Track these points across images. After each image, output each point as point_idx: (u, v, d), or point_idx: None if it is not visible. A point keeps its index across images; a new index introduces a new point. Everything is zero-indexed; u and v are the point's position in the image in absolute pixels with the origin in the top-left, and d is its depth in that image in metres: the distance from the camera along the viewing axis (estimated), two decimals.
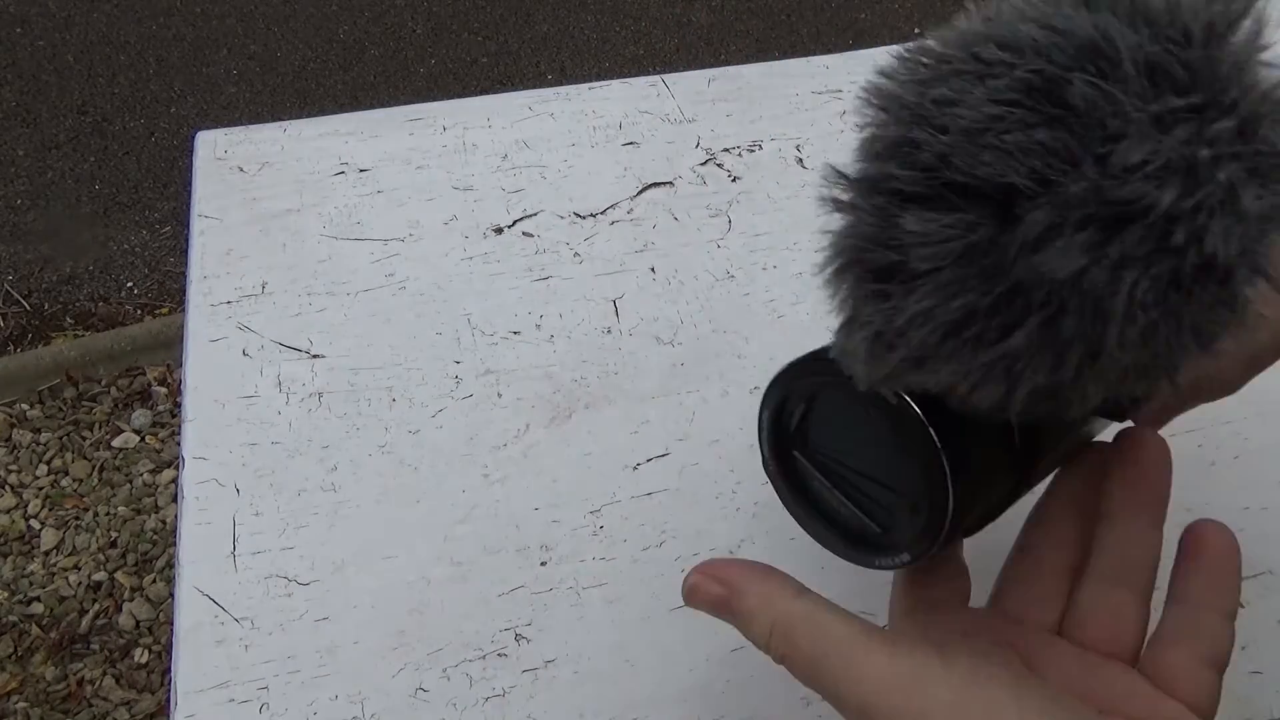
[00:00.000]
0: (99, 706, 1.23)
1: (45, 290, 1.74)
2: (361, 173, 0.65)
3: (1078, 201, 0.22)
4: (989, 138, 0.22)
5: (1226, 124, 0.22)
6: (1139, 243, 0.22)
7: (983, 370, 0.24)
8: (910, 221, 0.23)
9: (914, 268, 0.24)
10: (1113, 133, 0.22)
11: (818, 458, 0.36)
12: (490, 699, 0.41)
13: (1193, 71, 0.23)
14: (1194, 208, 0.22)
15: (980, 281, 0.23)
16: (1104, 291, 0.22)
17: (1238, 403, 0.54)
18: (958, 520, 0.32)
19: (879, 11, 2.42)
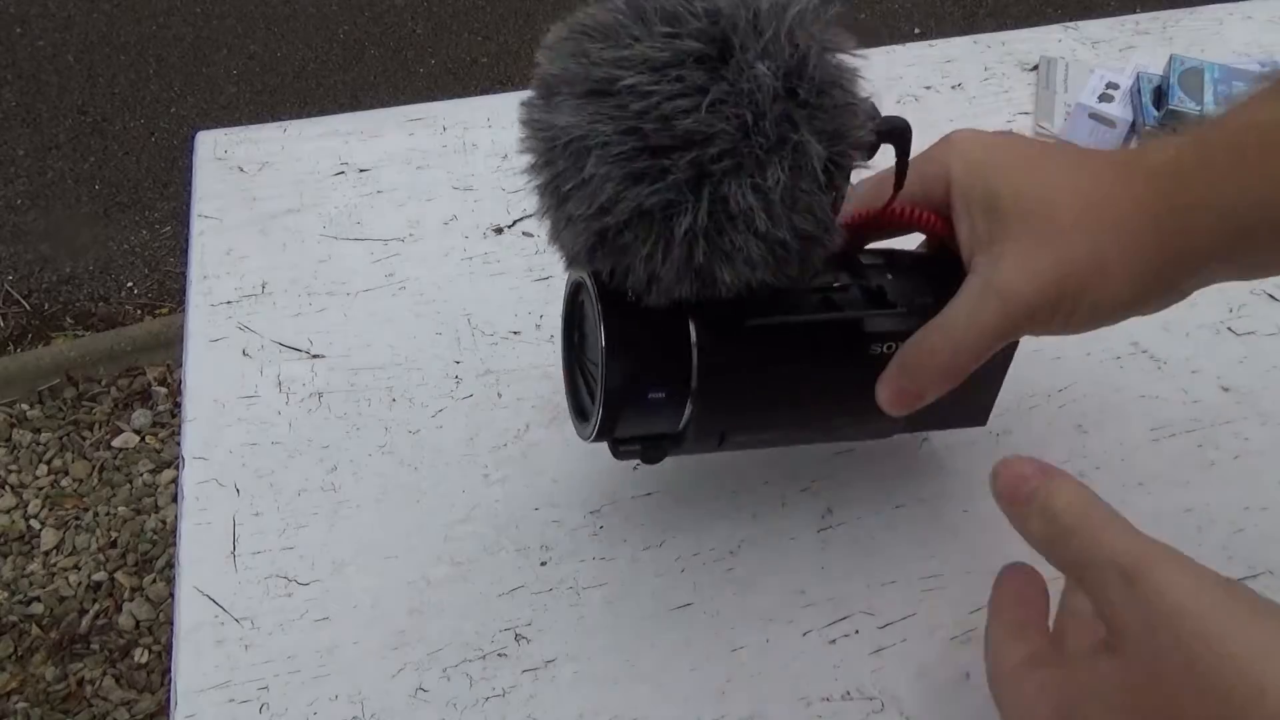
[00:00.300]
0: (99, 706, 1.23)
1: (45, 290, 1.74)
2: (361, 173, 0.65)
3: (576, 78, 0.33)
4: (554, 51, 0.35)
5: (698, 44, 0.32)
6: (612, 108, 0.32)
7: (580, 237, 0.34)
8: (534, 110, 0.35)
9: (535, 139, 0.35)
10: (610, 39, 0.33)
11: (582, 352, 0.42)
12: (490, 699, 0.41)
13: (694, 16, 0.32)
14: (651, 89, 0.31)
15: (552, 146, 0.34)
16: (582, 137, 0.32)
17: (1238, 403, 0.54)
18: (629, 393, 0.37)
19: (879, 11, 2.42)
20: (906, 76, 0.75)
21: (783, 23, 0.32)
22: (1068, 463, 0.50)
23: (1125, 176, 0.34)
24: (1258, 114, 0.32)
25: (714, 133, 0.31)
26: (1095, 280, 0.34)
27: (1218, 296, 0.59)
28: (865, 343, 0.39)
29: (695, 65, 0.31)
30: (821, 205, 0.33)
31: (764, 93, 0.31)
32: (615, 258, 0.34)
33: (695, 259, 0.33)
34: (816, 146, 0.32)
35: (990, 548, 0.47)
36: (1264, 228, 0.33)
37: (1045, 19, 2.33)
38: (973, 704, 0.42)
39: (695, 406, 0.39)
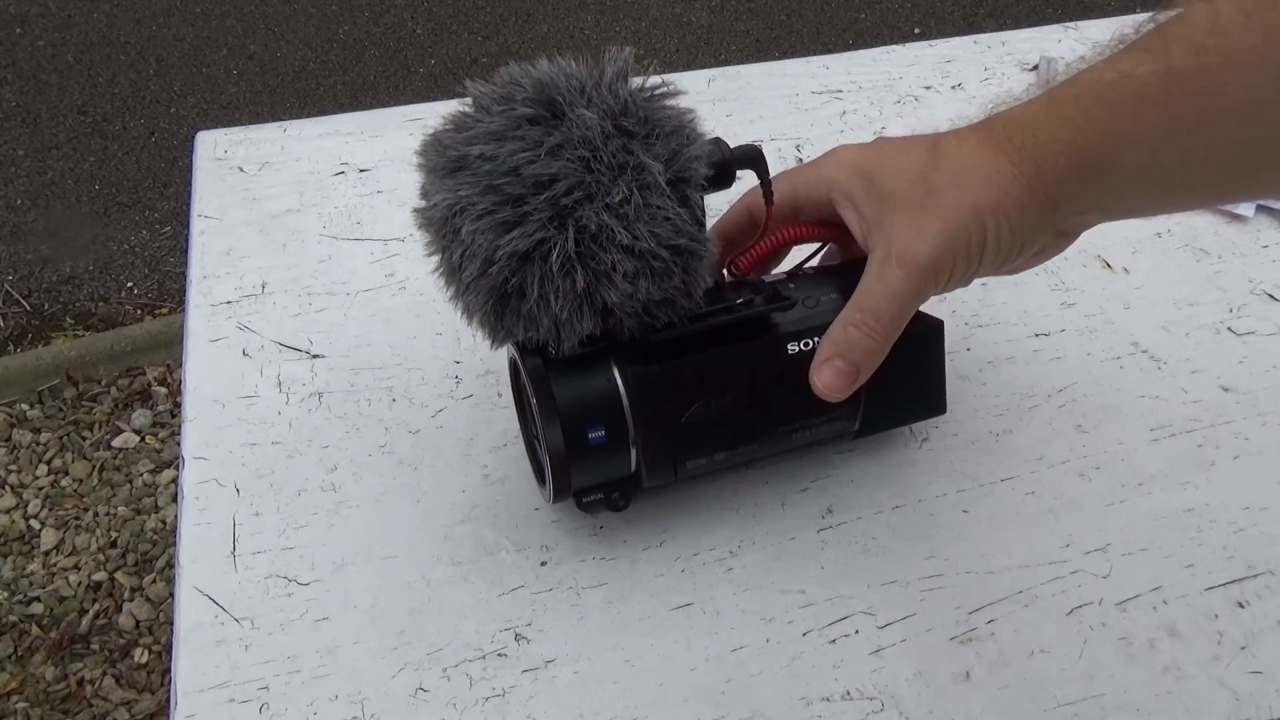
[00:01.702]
0: (99, 706, 1.22)
1: (45, 290, 1.74)
2: (361, 173, 0.65)
3: (440, 167, 0.39)
4: (425, 153, 0.41)
5: (530, 109, 0.37)
6: (470, 176, 0.37)
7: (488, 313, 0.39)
8: (420, 212, 0.41)
9: (430, 230, 0.40)
10: (460, 127, 0.39)
11: (530, 420, 0.44)
12: (490, 699, 0.41)
13: (521, 89, 0.38)
14: (497, 151, 0.37)
15: (445, 232, 0.39)
16: (453, 204, 0.38)
17: (1238, 403, 0.54)
18: (571, 439, 0.40)
19: (879, 11, 2.42)
20: (906, 76, 0.75)
21: (602, 79, 0.38)
22: (1068, 463, 0.50)
23: (983, 136, 0.38)
24: (1104, 73, 0.36)
25: (558, 172, 0.36)
26: (977, 232, 0.37)
27: (1218, 296, 0.59)
28: (780, 342, 0.42)
29: (531, 125, 0.37)
30: (678, 215, 0.38)
31: (595, 131, 0.37)
32: (517, 312, 0.38)
33: (578, 285, 0.37)
34: (655, 165, 0.37)
35: (990, 548, 0.47)
36: (1109, 174, 0.36)
37: (1045, 19, 2.33)
38: (973, 704, 0.42)
39: (638, 438, 0.41)
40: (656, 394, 0.41)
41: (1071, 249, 0.62)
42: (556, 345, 0.39)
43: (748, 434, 0.44)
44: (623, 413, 0.41)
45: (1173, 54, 0.34)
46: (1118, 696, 0.42)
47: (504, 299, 0.38)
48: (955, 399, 0.53)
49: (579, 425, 0.40)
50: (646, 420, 0.41)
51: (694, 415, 0.41)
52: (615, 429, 0.41)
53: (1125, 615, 0.45)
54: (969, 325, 0.57)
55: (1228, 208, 0.65)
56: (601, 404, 0.40)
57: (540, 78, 0.38)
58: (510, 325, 0.39)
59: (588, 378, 0.41)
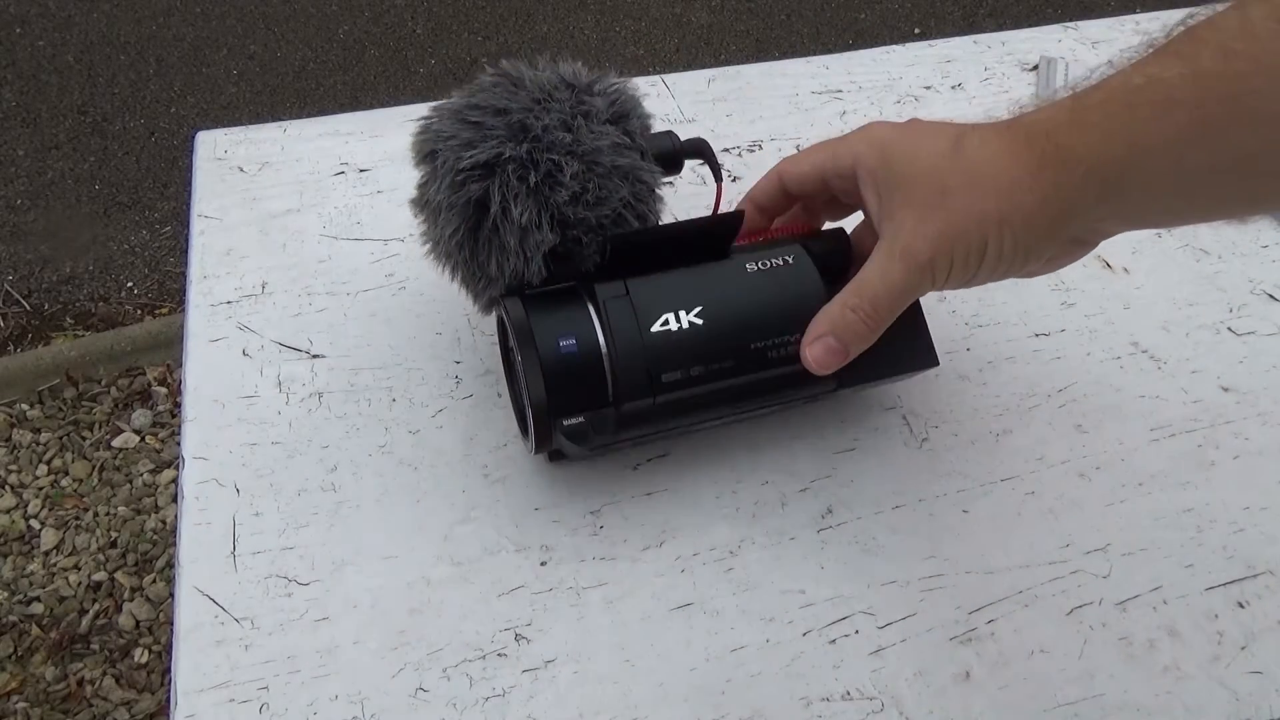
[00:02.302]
0: (99, 706, 1.22)
1: (45, 290, 1.74)
2: (361, 173, 0.65)
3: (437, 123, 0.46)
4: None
5: (497, 78, 0.46)
6: (447, 119, 0.45)
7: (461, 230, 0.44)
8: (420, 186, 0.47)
9: (426, 196, 0.47)
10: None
11: (513, 367, 0.46)
12: (490, 699, 0.41)
13: (500, 75, 0.46)
14: (470, 102, 0.45)
15: (436, 182, 0.45)
16: (428, 139, 0.46)
17: (1238, 403, 0.54)
18: (547, 348, 0.42)
19: (879, 11, 2.42)
20: (906, 76, 0.75)
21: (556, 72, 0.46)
22: (1068, 463, 0.51)
23: (1006, 138, 0.38)
24: (1131, 78, 0.35)
25: (514, 104, 0.44)
26: (978, 241, 0.38)
27: (1218, 296, 0.59)
28: (740, 262, 0.45)
29: (495, 87, 0.45)
30: (620, 139, 0.45)
31: (549, 83, 0.45)
32: (488, 239, 0.43)
33: (530, 182, 0.42)
34: (597, 100, 0.45)
35: (990, 548, 0.47)
36: (1131, 182, 0.36)
37: (1045, 19, 2.33)
38: (973, 704, 0.42)
39: (608, 349, 0.42)
40: (621, 306, 0.43)
41: None
42: (526, 268, 0.43)
43: (720, 349, 0.43)
44: (591, 323, 0.43)
45: (1201, 58, 0.34)
46: (1118, 696, 0.42)
47: (475, 222, 0.44)
48: (955, 399, 0.53)
49: (551, 337, 0.42)
50: (613, 329, 0.42)
51: (663, 327, 0.43)
52: (585, 339, 0.42)
53: (1125, 615, 0.45)
54: (969, 325, 0.57)
55: None
56: (569, 317, 0.43)
57: (506, 66, 0.46)
58: (484, 257, 0.44)
59: (557, 300, 0.44)
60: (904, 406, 0.53)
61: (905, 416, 0.52)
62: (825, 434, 0.51)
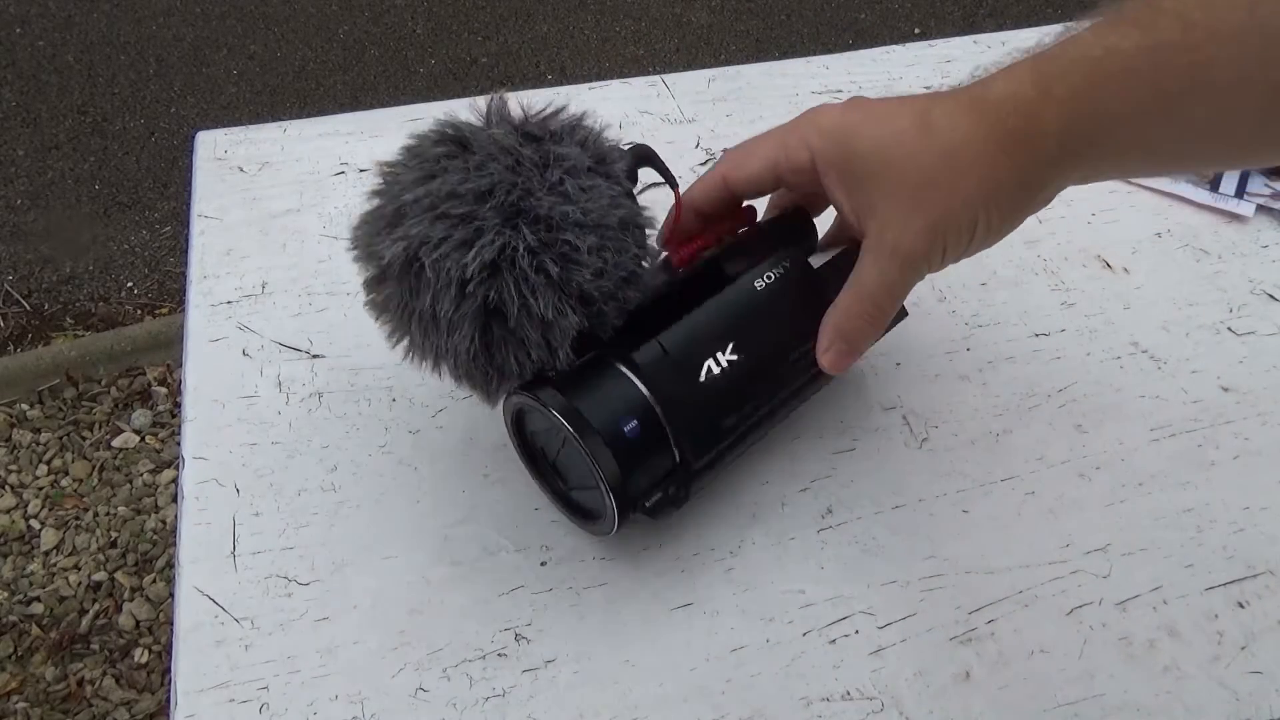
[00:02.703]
0: (99, 706, 1.22)
1: (45, 290, 1.74)
2: (361, 173, 0.65)
3: (378, 226, 0.40)
4: (356, 247, 0.42)
5: (442, 148, 0.39)
6: (413, 215, 0.38)
7: (474, 343, 0.39)
8: (375, 296, 0.42)
9: (396, 311, 0.41)
10: (381, 194, 0.41)
11: (548, 458, 0.45)
12: (490, 699, 0.41)
13: (431, 143, 0.40)
14: (429, 186, 0.38)
15: (409, 296, 0.40)
16: (409, 246, 0.38)
17: (1238, 403, 0.54)
18: (607, 449, 0.39)
19: (879, 11, 2.42)
20: (906, 76, 0.75)
21: (498, 111, 0.40)
22: (1068, 463, 0.50)
23: (974, 116, 0.37)
24: (1091, 48, 0.36)
25: (494, 179, 0.38)
26: (969, 223, 0.38)
27: (1218, 296, 0.60)
28: (747, 281, 0.43)
29: (449, 159, 0.39)
30: (612, 189, 0.40)
31: (509, 140, 0.39)
32: (505, 336, 0.38)
33: (553, 273, 0.38)
34: (573, 150, 0.39)
35: (990, 548, 0.47)
36: (1099, 151, 0.37)
37: (1045, 19, 2.32)
38: (973, 704, 0.42)
39: (666, 414, 0.40)
40: (666, 367, 0.41)
41: (1071, 249, 0.62)
42: (552, 358, 0.39)
43: (763, 377, 0.43)
44: (643, 396, 0.40)
45: (1159, 27, 0.34)
46: (1118, 696, 0.42)
47: (487, 325, 0.38)
48: (955, 399, 0.53)
49: (612, 425, 0.39)
50: (667, 395, 0.40)
51: (709, 375, 0.41)
52: (644, 416, 0.40)
53: (1125, 615, 0.45)
54: (969, 325, 0.57)
55: (1228, 208, 0.64)
56: (620, 396, 0.40)
57: (437, 126, 0.40)
58: (502, 359, 0.39)
59: (596, 380, 0.40)
60: (904, 406, 0.53)
61: (905, 416, 0.52)
62: (825, 434, 0.51)
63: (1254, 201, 0.65)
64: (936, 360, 0.55)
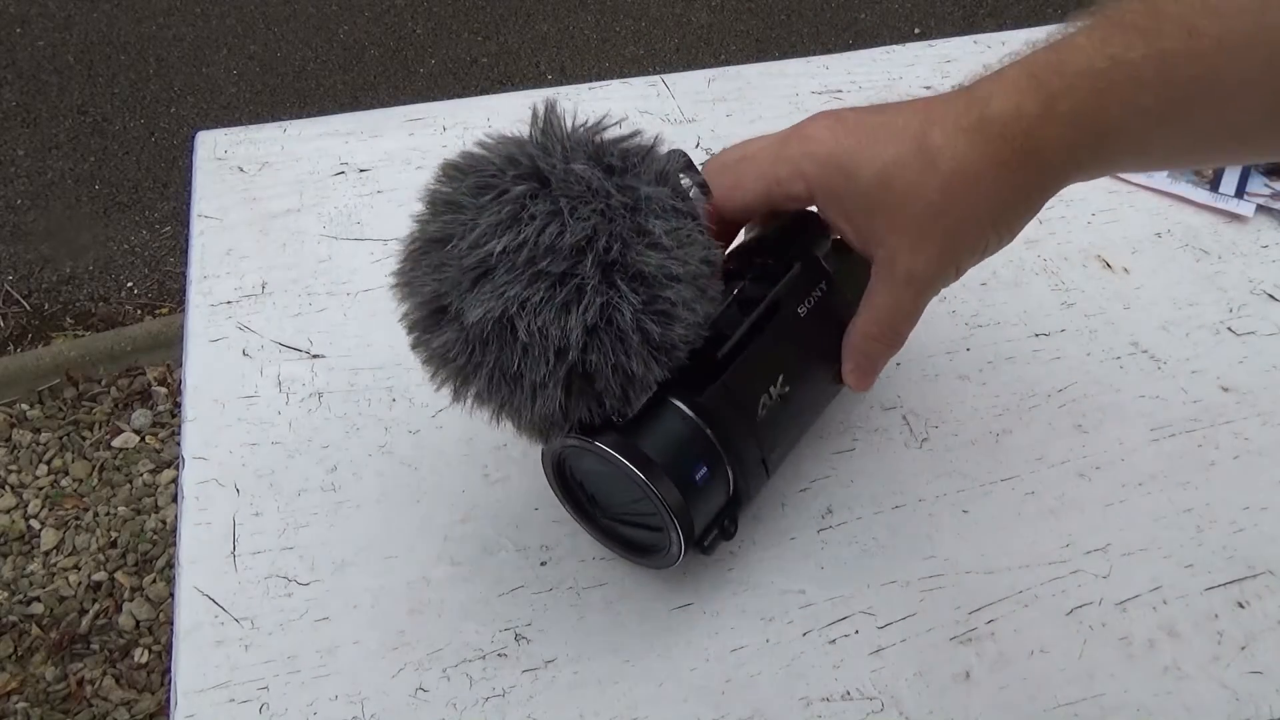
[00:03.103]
0: (99, 706, 1.22)
1: (45, 290, 1.74)
2: (361, 173, 0.65)
3: (458, 278, 0.36)
4: (414, 282, 0.38)
5: (522, 186, 0.35)
6: (507, 272, 0.35)
7: (551, 403, 0.36)
8: (435, 343, 0.38)
9: (459, 362, 0.37)
10: (457, 235, 0.36)
11: (601, 504, 0.44)
12: (490, 699, 0.41)
13: (501, 174, 0.36)
14: (525, 238, 0.35)
15: (483, 350, 0.36)
16: (506, 309, 0.35)
17: (1238, 403, 0.54)
18: (680, 496, 0.39)
19: (879, 11, 2.42)
20: (906, 76, 0.75)
21: (563, 131, 0.37)
22: (1068, 463, 0.50)
23: (975, 137, 0.36)
24: (1094, 60, 0.35)
25: (592, 230, 0.35)
26: (976, 238, 0.39)
27: (1218, 296, 0.59)
28: (791, 309, 0.43)
29: (532, 200, 0.35)
30: (697, 228, 0.38)
31: (593, 180, 0.36)
32: (589, 393, 0.37)
33: (654, 336, 0.36)
34: (658, 190, 0.37)
35: (990, 548, 0.47)
36: (1102, 159, 0.37)
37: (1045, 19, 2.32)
38: (973, 704, 0.42)
39: (730, 457, 0.40)
40: (728, 408, 0.40)
41: (1071, 249, 0.62)
42: (626, 407, 0.38)
43: (809, 398, 0.44)
44: (711, 442, 0.40)
45: (1165, 35, 0.34)
46: (1118, 696, 0.42)
47: (572, 385, 0.36)
48: (955, 399, 0.53)
49: (686, 474, 0.39)
50: (729, 437, 0.40)
51: (763, 411, 0.41)
52: (711, 459, 0.40)
53: (1125, 615, 0.45)
54: (969, 325, 0.57)
55: (1228, 208, 0.64)
56: (690, 442, 0.39)
57: (507, 154, 0.37)
58: (578, 411, 0.37)
59: (665, 426, 0.39)
60: (904, 406, 0.53)
61: (905, 416, 0.52)
62: (825, 434, 0.51)
63: (1254, 201, 0.65)
64: (936, 360, 0.55)
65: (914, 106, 0.38)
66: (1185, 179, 0.66)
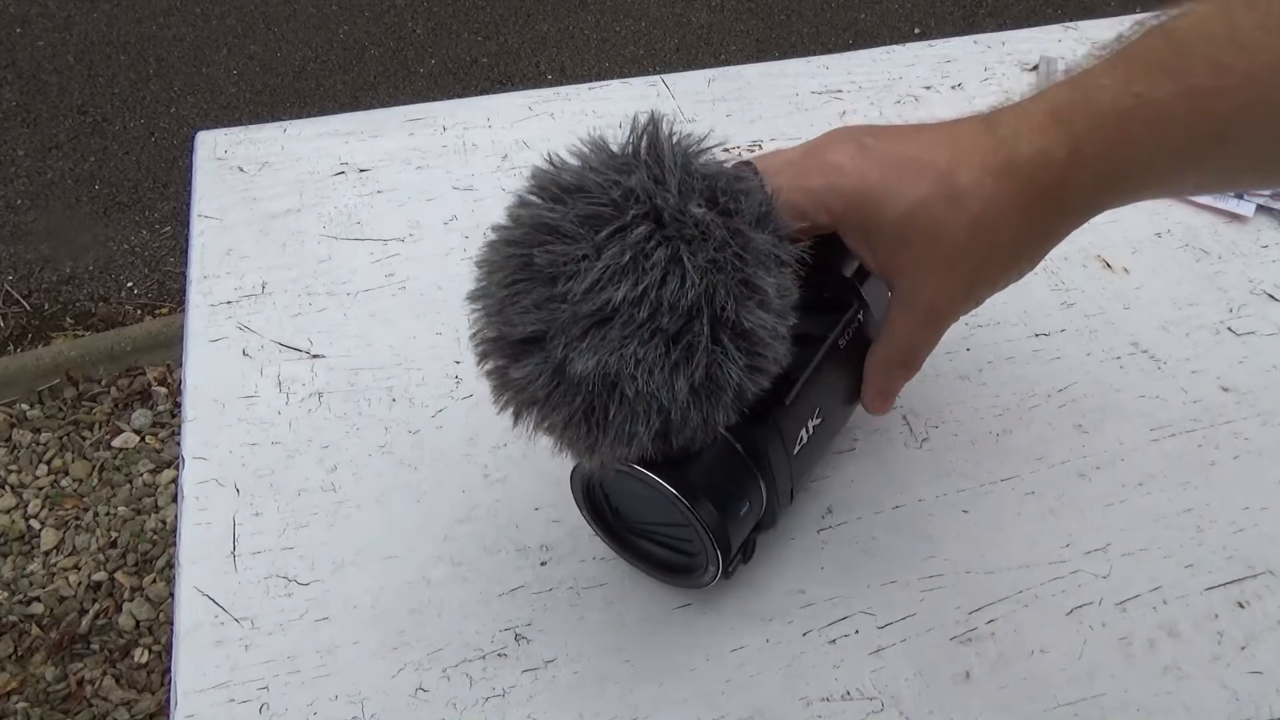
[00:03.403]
0: (99, 706, 1.22)
1: (45, 290, 1.74)
2: (361, 173, 0.65)
3: (570, 322, 0.33)
4: (506, 311, 0.35)
5: (643, 228, 0.33)
6: (623, 326, 0.33)
7: (628, 443, 0.35)
8: (514, 372, 0.35)
9: (538, 395, 0.35)
10: (570, 272, 0.33)
11: (629, 521, 0.44)
12: (490, 699, 0.41)
13: (616, 207, 0.34)
14: (646, 288, 0.33)
15: (572, 390, 0.34)
16: (621, 367, 0.33)
17: (1238, 403, 0.54)
18: (721, 527, 0.39)
19: (879, 11, 2.42)
20: (906, 76, 0.75)
21: (670, 156, 0.35)
22: (1068, 463, 0.50)
23: (1002, 181, 0.36)
24: (1120, 99, 0.34)
25: (708, 286, 0.34)
26: (999, 274, 0.39)
27: (1218, 296, 0.59)
28: (833, 342, 0.43)
29: (651, 242, 0.33)
30: (792, 279, 0.37)
31: (711, 227, 0.34)
32: (668, 437, 0.36)
33: (745, 394, 0.36)
34: (763, 239, 0.35)
35: (990, 548, 0.47)
36: (1125, 195, 0.37)
37: (1045, 19, 2.33)
38: (973, 704, 0.42)
39: (769, 492, 0.41)
40: (777, 448, 0.41)
41: (1071, 249, 0.62)
42: (690, 449, 0.37)
43: (836, 425, 0.45)
44: (757, 480, 0.41)
45: (1193, 74, 0.33)
46: (1118, 696, 0.42)
47: (669, 434, 0.36)
48: (955, 399, 0.53)
49: (731, 510, 0.40)
50: (773, 476, 0.41)
51: (800, 443, 0.42)
52: (755, 497, 0.41)
53: (1125, 615, 0.45)
54: (969, 325, 0.57)
55: (1228, 208, 0.64)
56: (740, 481, 0.40)
57: (612, 178, 0.35)
58: (657, 454, 0.37)
59: (717, 463, 0.40)
60: (904, 406, 0.53)
61: (905, 416, 0.52)
62: None
63: (1254, 201, 0.65)
64: (936, 360, 0.55)
65: (938, 139, 0.38)
66: None
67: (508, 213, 0.36)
